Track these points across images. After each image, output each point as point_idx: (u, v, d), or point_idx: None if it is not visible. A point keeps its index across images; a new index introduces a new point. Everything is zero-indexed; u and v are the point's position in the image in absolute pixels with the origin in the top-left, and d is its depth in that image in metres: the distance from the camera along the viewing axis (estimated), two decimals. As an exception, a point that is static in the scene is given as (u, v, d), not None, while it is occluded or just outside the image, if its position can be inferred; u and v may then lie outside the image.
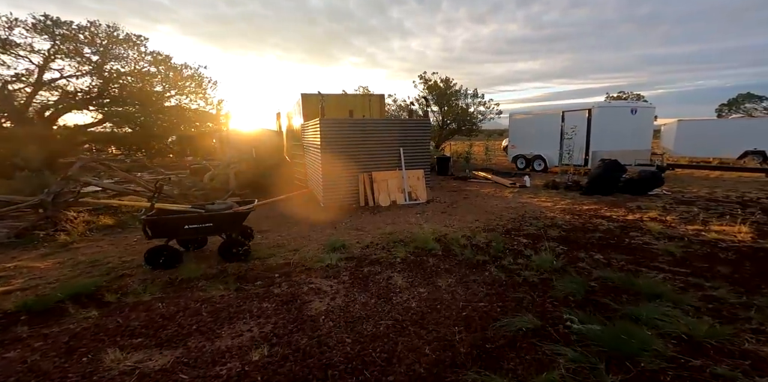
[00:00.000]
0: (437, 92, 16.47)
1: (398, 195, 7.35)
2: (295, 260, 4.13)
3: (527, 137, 13.41)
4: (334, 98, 9.43)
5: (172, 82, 12.68)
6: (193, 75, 13.24)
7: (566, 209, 6.48)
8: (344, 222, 5.94)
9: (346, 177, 7.12)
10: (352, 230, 5.43)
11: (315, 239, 4.98)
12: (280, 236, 5.13)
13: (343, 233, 5.26)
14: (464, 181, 10.66)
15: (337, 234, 5.22)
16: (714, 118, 26.16)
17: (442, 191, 8.84)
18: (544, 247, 4.27)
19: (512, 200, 7.58)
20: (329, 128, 6.80)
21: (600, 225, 5.35)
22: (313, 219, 6.16)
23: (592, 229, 5.17)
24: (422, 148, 7.78)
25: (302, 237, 5.09)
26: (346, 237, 5.05)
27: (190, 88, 13.32)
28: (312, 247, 4.64)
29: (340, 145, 6.94)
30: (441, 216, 6.27)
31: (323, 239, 4.94)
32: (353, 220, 6.10)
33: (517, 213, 6.30)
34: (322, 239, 4.99)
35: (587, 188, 7.59)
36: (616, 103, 10.45)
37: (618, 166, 7.32)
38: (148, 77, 11.75)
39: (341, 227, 5.66)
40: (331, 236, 5.06)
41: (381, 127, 7.32)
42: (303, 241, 4.91)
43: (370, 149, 7.25)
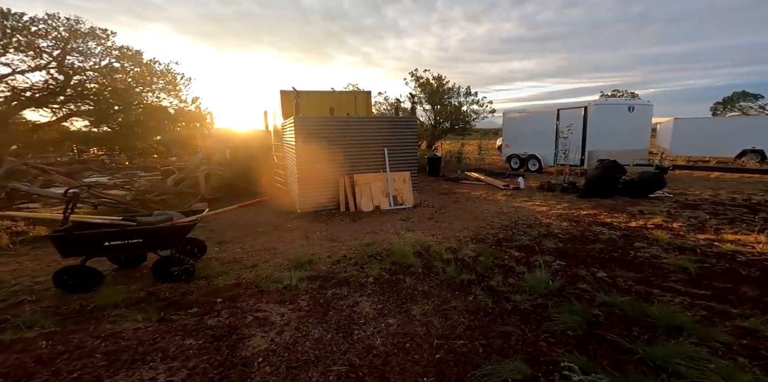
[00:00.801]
0: (429, 90, 15.89)
1: (382, 199, 6.75)
2: (249, 279, 3.52)
3: (521, 136, 12.85)
4: (316, 96, 8.80)
5: (139, 79, 11.94)
6: (163, 71, 12.48)
7: (563, 215, 5.91)
8: (319, 231, 5.33)
9: (324, 180, 6.51)
10: (326, 241, 4.82)
11: (281, 252, 4.37)
12: (242, 249, 4.51)
13: (314, 245, 4.65)
14: (456, 182, 10.09)
15: (307, 246, 4.61)
16: (711, 117, 25.78)
17: (431, 194, 8.25)
18: (539, 262, 3.69)
19: (505, 203, 7.01)
20: (305, 127, 6.18)
21: (601, 234, 4.78)
22: (286, 227, 5.54)
23: (593, 239, 4.60)
24: (409, 148, 7.18)
25: (267, 250, 4.47)
26: (316, 250, 4.44)
27: (159, 85, 12.59)
28: (275, 262, 4.02)
29: (318, 145, 6.31)
30: (427, 223, 5.67)
31: (290, 252, 4.33)
32: (330, 228, 5.49)
33: (510, 219, 5.72)
34: (289, 251, 4.38)
35: (585, 191, 7.03)
36: (613, 100, 9.92)
37: (617, 167, 6.77)
38: (112, 73, 11.02)
39: (315, 237, 5.05)
40: (300, 249, 4.45)
41: (364, 125, 6.70)
42: (266, 254, 4.30)
43: (351, 150, 6.64)
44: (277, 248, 4.53)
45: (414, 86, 16.19)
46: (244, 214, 6.39)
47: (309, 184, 6.39)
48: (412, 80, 16.09)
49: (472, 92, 16.06)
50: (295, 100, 6.21)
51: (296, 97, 6.13)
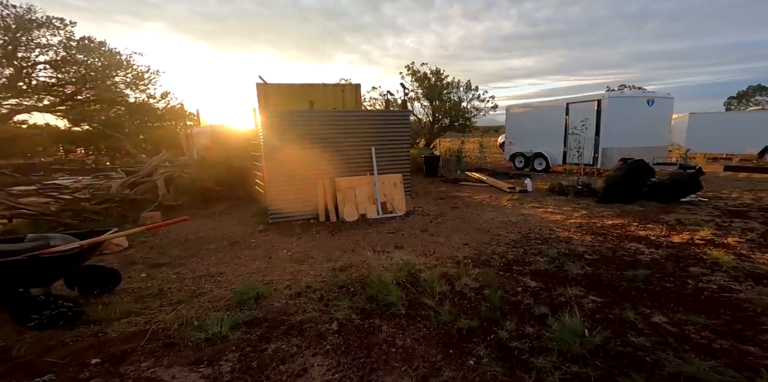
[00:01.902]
0: (427, 85, 14.86)
1: (369, 207, 5.74)
2: (162, 324, 2.53)
3: (526, 133, 11.80)
4: (295, 88, 7.81)
5: (95, 71, 10.95)
6: (122, 62, 11.45)
7: (583, 225, 4.88)
8: (288, 248, 4.33)
9: (300, 185, 5.50)
10: (292, 263, 3.82)
11: (227, 280, 3.37)
12: (177, 275, 3.51)
13: (275, 268, 3.66)
14: (455, 184, 9.06)
15: (266, 270, 3.62)
16: (730, 111, 24.45)
17: (428, 199, 7.23)
18: (565, 298, 2.68)
19: (512, 210, 5.98)
20: (274, 122, 5.17)
21: (639, 253, 3.76)
22: (248, 243, 4.54)
23: (630, 260, 3.57)
24: (400, 147, 6.16)
25: (210, 276, 3.48)
26: (275, 276, 3.45)
27: (123, 78, 11.61)
28: (213, 296, 3.03)
29: (291, 144, 5.31)
30: (420, 237, 4.67)
31: (240, 280, 3.34)
32: (302, 244, 4.49)
33: (520, 232, 4.70)
34: (238, 279, 3.39)
35: (605, 195, 6.00)
36: (630, 92, 8.88)
37: (644, 167, 5.73)
38: (68, 67, 10.05)
39: (279, 256, 4.05)
40: (253, 275, 3.46)
41: (346, 120, 5.69)
42: (206, 283, 3.30)
43: (332, 149, 5.63)
44: (225, 274, 3.53)
45: (411, 80, 15.16)
46: (203, 225, 5.39)
47: (281, 190, 5.39)
48: (408, 74, 15.08)
49: (472, 86, 15.00)
50: (262, 91, 5.19)
51: (263, 85, 5.13)
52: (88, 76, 10.60)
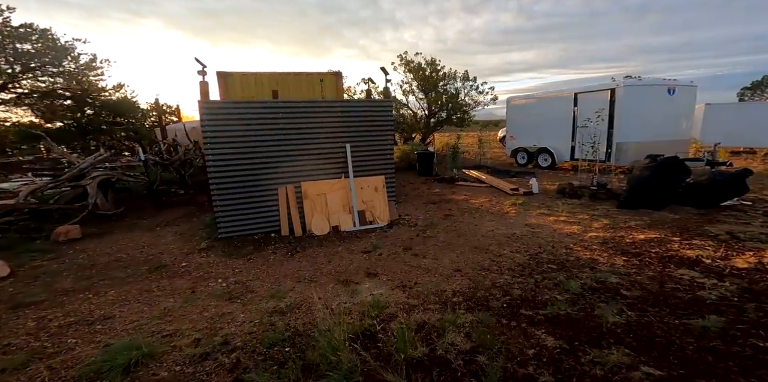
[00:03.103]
0: (422, 76, 13.74)
1: (343, 217, 4.74)
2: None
3: (529, 126, 10.75)
4: (266, 78, 6.74)
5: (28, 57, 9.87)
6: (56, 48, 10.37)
7: (608, 241, 3.88)
8: (226, 275, 3.34)
9: (256, 191, 4.49)
10: (219, 301, 2.84)
11: (109, 330, 2.41)
12: (37, 321, 2.53)
13: (192, 310, 2.68)
14: (451, 184, 8.05)
15: (177, 313, 2.64)
16: (751, 102, 23.22)
17: (418, 203, 6.22)
18: (603, 370, 1.70)
19: (516, 219, 4.97)
20: (216, 115, 4.12)
21: (697, 286, 2.77)
22: (175, 268, 3.55)
23: (689, 298, 2.58)
24: (381, 143, 5.14)
25: (88, 323, 2.50)
26: (185, 323, 2.48)
27: (66, 68, 10.54)
28: (66, 358, 2.06)
29: (242, 142, 4.29)
30: (401, 258, 3.67)
31: (130, 329, 2.36)
32: (247, 269, 3.50)
33: (528, 250, 3.70)
34: (130, 326, 2.43)
35: (628, 198, 4.99)
36: (649, 80, 7.81)
37: (679, 166, 4.71)
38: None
39: (208, 289, 3.06)
40: (153, 321, 2.47)
41: (314, 112, 4.66)
42: (73, 336, 2.33)
43: (297, 147, 4.62)
44: (115, 319, 2.55)
45: (403, 71, 14.02)
46: (134, 242, 4.39)
47: (231, 198, 4.38)
48: (402, 64, 13.92)
49: (470, 77, 13.86)
50: (202, 77, 4.15)
51: (203, 72, 4.08)
52: (24, 63, 9.58)
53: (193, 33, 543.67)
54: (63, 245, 4.18)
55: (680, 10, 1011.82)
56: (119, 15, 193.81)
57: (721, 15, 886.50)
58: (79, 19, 79.42)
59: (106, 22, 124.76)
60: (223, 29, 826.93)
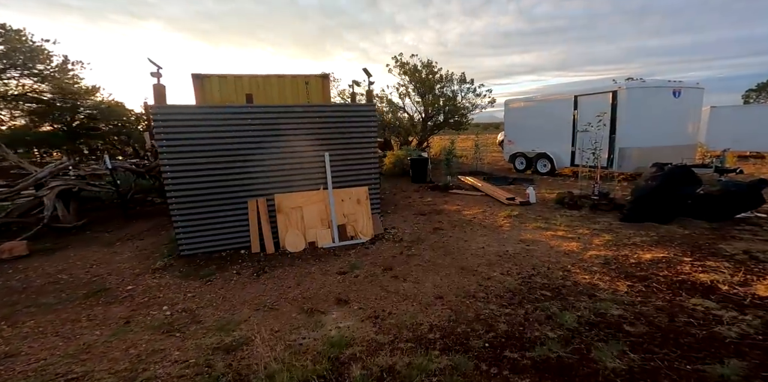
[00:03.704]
0: (418, 79, 13.46)
1: (321, 232, 4.40)
2: None
3: (528, 130, 10.43)
4: (246, 81, 6.45)
5: None
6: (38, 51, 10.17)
7: (611, 261, 3.52)
8: (175, 301, 3.01)
9: (223, 204, 4.17)
10: (155, 334, 2.50)
11: (12, 369, 2.08)
12: None
13: (117, 345, 2.35)
14: (444, 192, 7.71)
15: (97, 349, 2.30)
16: (759, 104, 22.79)
17: (407, 214, 5.88)
18: None
19: (510, 233, 4.63)
20: (171, 122, 3.79)
21: (713, 319, 2.42)
22: (119, 292, 3.21)
23: (703, 337, 2.24)
24: (364, 151, 4.82)
25: None
26: (103, 362, 2.18)
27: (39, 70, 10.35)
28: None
29: (204, 151, 3.97)
30: (379, 280, 3.34)
31: (30, 371, 2.01)
32: (203, 293, 3.16)
33: (520, 272, 3.36)
34: (30, 368, 2.07)
35: (632, 211, 4.64)
36: (653, 82, 7.50)
37: (688, 176, 4.36)
38: None
39: (147, 319, 2.73)
40: (59, 363, 2.13)
41: (287, 117, 4.33)
42: None
43: (270, 156, 4.30)
44: (20, 356, 2.24)
45: (398, 73, 13.74)
46: (84, 259, 4.04)
47: (194, 212, 4.04)
48: (396, 66, 13.65)
49: (467, 79, 13.56)
50: (156, 79, 3.83)
51: (157, 74, 3.77)
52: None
53: (194, 35, 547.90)
54: (5, 264, 3.86)
55: (681, 12, 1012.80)
56: (119, 17, 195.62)
57: (722, 17, 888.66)
58: (80, 21, 79.93)
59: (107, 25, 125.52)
60: (224, 32, 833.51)
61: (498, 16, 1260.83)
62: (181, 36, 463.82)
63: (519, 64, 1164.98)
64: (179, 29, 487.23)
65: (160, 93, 3.67)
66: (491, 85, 29.08)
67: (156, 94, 3.68)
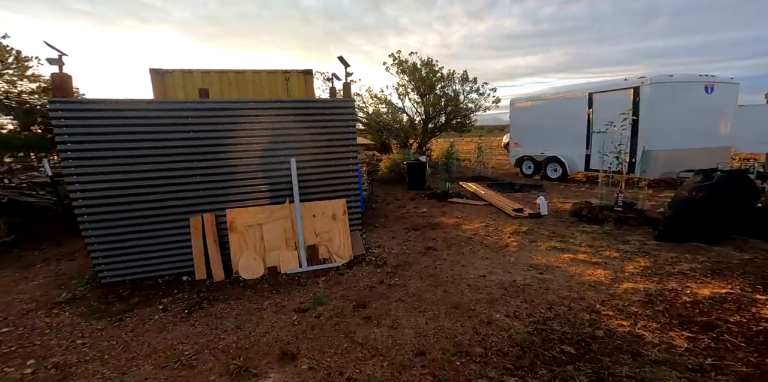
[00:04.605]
0: (417, 78, 12.80)
1: (286, 254, 3.66)
2: None
3: (536, 131, 9.67)
4: (214, 77, 5.80)
5: None
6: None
7: (654, 298, 2.73)
8: (55, 348, 2.27)
9: (158, 220, 3.45)
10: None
11: None
12: None
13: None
14: (443, 201, 6.94)
15: None
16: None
17: (397, 229, 5.12)
18: None
19: (518, 256, 3.84)
20: (79, 119, 3.08)
21: None
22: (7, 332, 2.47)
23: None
24: (341, 157, 4.09)
25: None
26: None
27: None
28: None
29: (127, 156, 3.28)
30: (347, 324, 2.59)
31: None
32: (100, 338, 2.43)
33: (531, 314, 2.58)
34: None
35: (670, 227, 3.83)
36: (681, 76, 6.71)
37: (745, 185, 3.55)
38: None
39: None
40: None
41: (242, 115, 3.63)
42: None
43: (218, 163, 3.59)
44: None
45: (396, 72, 13.08)
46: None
47: (117, 231, 3.33)
48: (394, 65, 12.99)
49: (470, 78, 12.85)
50: (58, 69, 3.14)
51: (58, 62, 3.08)
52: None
53: (201, 39, 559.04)
54: None
55: (688, 13, 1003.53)
56: (130, 23, 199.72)
57: (732, 18, 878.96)
58: (91, 26, 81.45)
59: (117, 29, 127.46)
60: (229, 36, 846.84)
61: (502, 18, 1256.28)
62: (188, 40, 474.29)
63: (523, 66, 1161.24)
64: (186, 33, 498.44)
65: (61, 84, 2.99)
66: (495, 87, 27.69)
67: (56, 86, 3.01)
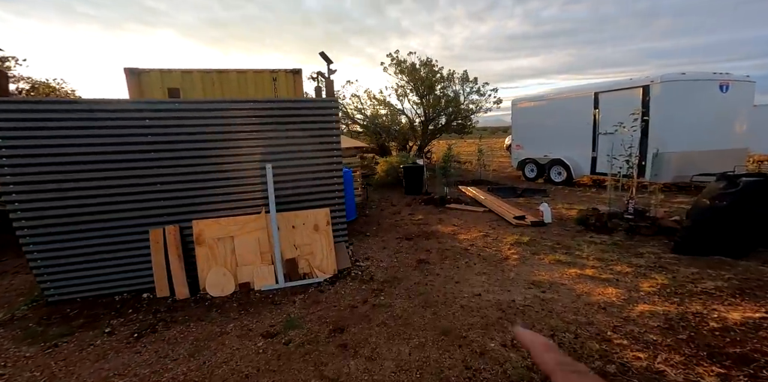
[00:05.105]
0: (416, 78, 12.51)
1: (261, 269, 3.34)
2: None
3: (539, 133, 9.34)
4: (196, 77, 5.53)
5: None
6: None
7: (675, 323, 2.38)
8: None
9: (118, 234, 3.15)
10: None
11: None
12: None
13: None
14: (440, 207, 6.61)
15: None
16: None
17: (389, 238, 4.80)
18: None
19: (519, 271, 3.50)
20: (17, 121, 2.79)
21: None
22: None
23: None
24: (324, 162, 3.78)
25: None
26: None
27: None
28: None
29: (77, 161, 2.99)
30: (319, 353, 2.26)
31: None
32: (23, 368, 2.11)
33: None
34: None
35: (689, 239, 3.48)
36: (694, 74, 6.37)
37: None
38: None
39: None
40: None
41: (210, 117, 3.34)
42: None
43: (183, 169, 3.30)
44: None
45: (395, 72, 12.80)
46: None
47: (67, 244, 3.03)
48: (392, 65, 12.72)
49: (470, 78, 12.54)
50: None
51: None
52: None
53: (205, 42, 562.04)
54: None
55: (691, 13, 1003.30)
56: (136, 26, 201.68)
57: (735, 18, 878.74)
58: (98, 30, 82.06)
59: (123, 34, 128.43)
60: (233, 39, 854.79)
61: (504, 20, 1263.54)
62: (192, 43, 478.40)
63: (526, 68, 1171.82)
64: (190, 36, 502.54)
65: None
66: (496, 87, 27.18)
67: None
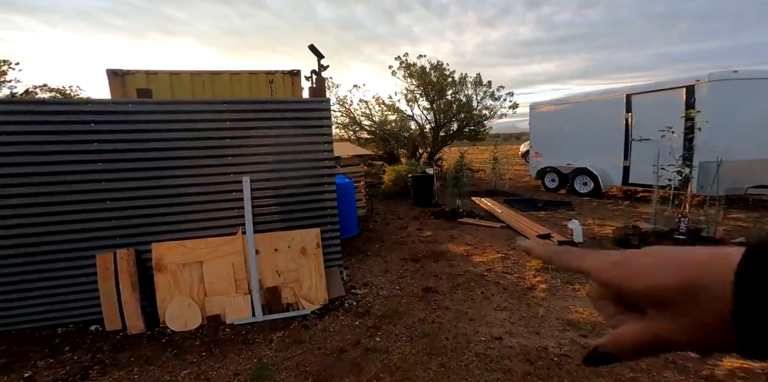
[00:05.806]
0: (427, 82, 12.07)
1: (234, 299, 2.85)
2: None
3: (561, 140, 8.69)
4: (185, 79, 5.19)
5: None
6: None
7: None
8: None
9: (61, 259, 2.71)
10: None
11: None
12: None
13: None
14: (452, 221, 6.02)
15: None
16: None
17: (392, 259, 4.24)
18: None
19: (548, 306, 2.91)
20: None
21: None
22: None
23: None
24: (312, 173, 3.30)
25: None
26: None
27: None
28: None
29: (1, 173, 2.58)
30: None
31: None
32: None
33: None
34: None
35: None
36: (749, 73, 5.69)
37: None
38: None
39: None
40: None
41: (175, 120, 2.90)
42: None
43: (140, 183, 2.86)
44: None
45: (403, 76, 12.39)
46: None
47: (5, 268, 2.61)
48: (401, 68, 12.31)
49: (484, 81, 12.01)
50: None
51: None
52: None
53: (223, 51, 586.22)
54: None
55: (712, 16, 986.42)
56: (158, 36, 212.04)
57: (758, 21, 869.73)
58: (123, 39, 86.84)
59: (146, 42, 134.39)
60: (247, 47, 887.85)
61: (515, 26, 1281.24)
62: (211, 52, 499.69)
63: (539, 73, 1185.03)
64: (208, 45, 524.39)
65: None
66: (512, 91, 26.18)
67: None
